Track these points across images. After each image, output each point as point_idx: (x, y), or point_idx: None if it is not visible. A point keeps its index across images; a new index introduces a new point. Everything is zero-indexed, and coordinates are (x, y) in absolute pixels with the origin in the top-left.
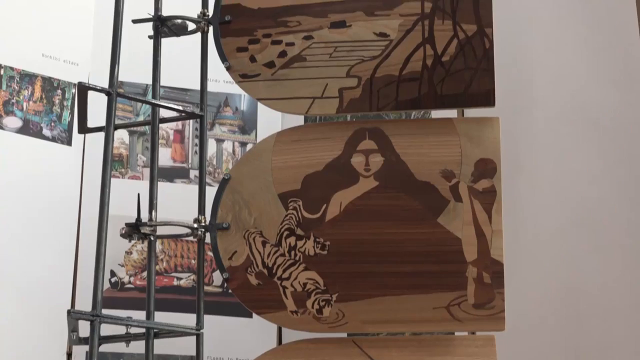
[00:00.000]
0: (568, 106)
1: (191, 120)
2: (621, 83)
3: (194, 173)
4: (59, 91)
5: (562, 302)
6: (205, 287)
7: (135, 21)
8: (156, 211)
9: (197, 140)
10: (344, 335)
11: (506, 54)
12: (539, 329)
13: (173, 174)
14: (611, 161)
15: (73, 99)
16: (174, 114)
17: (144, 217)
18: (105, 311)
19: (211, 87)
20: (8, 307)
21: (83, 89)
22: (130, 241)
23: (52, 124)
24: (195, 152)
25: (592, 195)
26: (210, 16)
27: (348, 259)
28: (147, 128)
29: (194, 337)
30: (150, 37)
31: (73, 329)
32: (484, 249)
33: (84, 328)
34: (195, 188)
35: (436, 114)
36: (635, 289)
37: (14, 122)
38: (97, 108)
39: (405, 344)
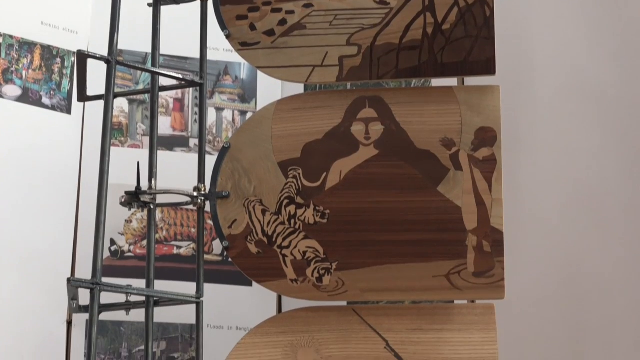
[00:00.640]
0: (568, 79)
1: (191, 89)
2: (622, 57)
3: (193, 142)
4: (59, 59)
5: (561, 274)
6: (205, 256)
7: None
8: (156, 179)
9: (196, 109)
10: (344, 303)
11: (506, 27)
12: (539, 301)
13: (173, 143)
14: (612, 135)
15: (72, 67)
16: (173, 82)
17: (144, 185)
18: (105, 280)
19: (211, 55)
20: (8, 276)
21: (82, 57)
22: (130, 209)
23: (52, 92)
24: (195, 120)
25: (591, 169)
26: None
27: (348, 227)
28: (146, 96)
29: (194, 306)
30: (149, 5)
31: (73, 297)
32: (483, 217)
33: (84, 296)
34: (195, 157)
35: (436, 82)
36: (635, 265)
37: (13, 90)
38: (96, 76)
39: (405, 312)
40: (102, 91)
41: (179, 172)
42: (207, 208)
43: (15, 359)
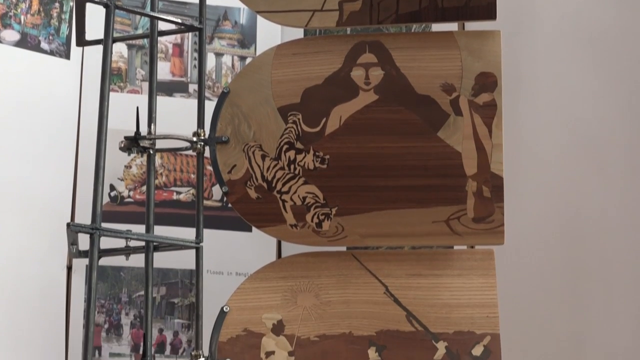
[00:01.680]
0: (568, 23)
1: (190, 34)
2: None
3: (193, 87)
4: (57, 4)
5: (561, 218)
6: (205, 202)
7: None
8: (155, 125)
9: (196, 54)
10: (343, 249)
11: None
12: (539, 245)
13: (172, 88)
14: (611, 78)
15: (71, 11)
16: (172, 27)
17: (143, 130)
18: (104, 225)
19: (210, 0)
20: (8, 221)
21: (81, 1)
22: (129, 155)
23: (50, 37)
24: (195, 66)
25: (591, 113)
26: None
27: (347, 172)
28: (145, 41)
29: (194, 251)
30: None
31: (73, 242)
32: (483, 162)
33: (84, 242)
34: (194, 102)
35: (437, 27)
36: (634, 206)
37: (11, 35)
38: (95, 21)
39: (404, 257)
40: (101, 36)
41: (178, 118)
42: (207, 154)
43: (15, 305)
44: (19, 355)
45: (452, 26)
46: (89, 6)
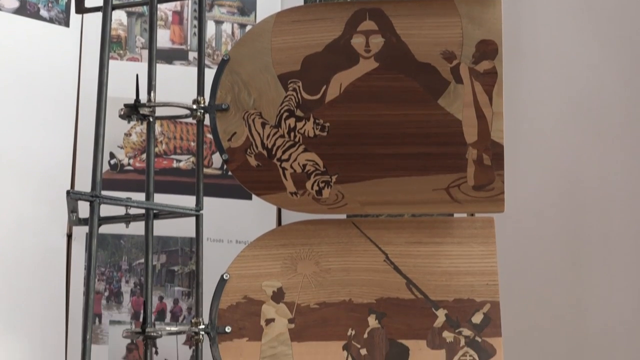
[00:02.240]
0: None
1: (190, 2)
2: None
3: (192, 55)
4: None
5: (561, 186)
6: (205, 170)
7: None
8: (155, 92)
9: (195, 22)
10: (343, 216)
11: None
12: (539, 213)
13: (172, 56)
14: (611, 46)
15: None
16: None
17: (143, 98)
18: (104, 193)
19: None
20: (8, 189)
21: None
22: (129, 122)
23: (50, 4)
24: (194, 33)
25: (592, 81)
26: None
27: (347, 140)
28: (145, 9)
29: (194, 219)
30: None
31: (72, 209)
32: (484, 130)
33: (84, 210)
34: (194, 70)
35: None
36: (634, 177)
37: (11, 2)
38: None
39: (404, 225)
40: (101, 3)
41: (178, 86)
42: (207, 121)
43: (15, 273)
44: (19, 323)
45: None
46: None
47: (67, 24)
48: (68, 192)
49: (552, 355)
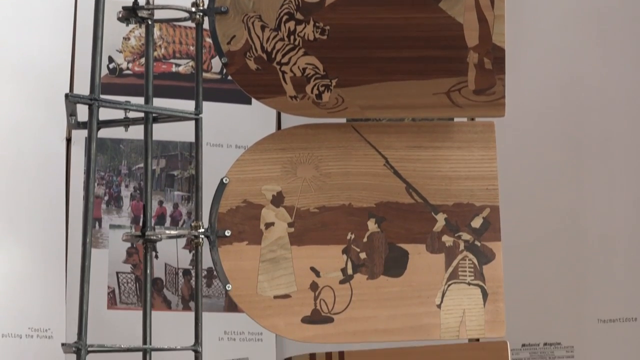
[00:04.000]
0: None
1: None
2: None
3: None
4: None
5: (562, 90)
6: (204, 74)
7: None
8: None
9: None
10: (343, 120)
11: None
12: (539, 118)
13: None
14: None
15: None
16: None
17: (142, 1)
18: (103, 97)
19: None
20: (6, 93)
21: None
22: (127, 25)
23: None
24: None
25: None
26: None
27: (348, 44)
28: None
29: (193, 123)
30: None
31: (71, 113)
32: (485, 34)
33: (83, 114)
34: None
35: None
36: (636, 79)
37: None
38: None
39: (404, 129)
40: None
41: None
42: (206, 25)
43: (14, 177)
44: (19, 227)
45: None
46: None
47: None
48: (67, 95)
49: (552, 260)
